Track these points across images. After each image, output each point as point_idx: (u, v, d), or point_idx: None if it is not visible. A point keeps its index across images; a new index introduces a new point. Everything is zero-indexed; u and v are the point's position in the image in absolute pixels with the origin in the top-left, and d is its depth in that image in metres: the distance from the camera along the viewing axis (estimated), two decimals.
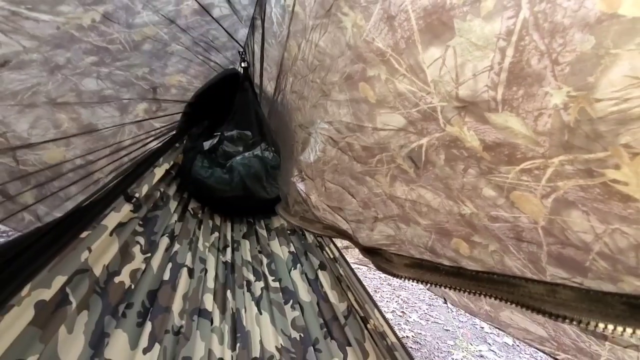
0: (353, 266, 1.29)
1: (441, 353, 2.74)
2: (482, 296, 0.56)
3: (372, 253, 0.83)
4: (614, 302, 0.40)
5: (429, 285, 0.67)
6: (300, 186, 1.00)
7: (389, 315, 3.17)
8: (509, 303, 0.52)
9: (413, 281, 0.71)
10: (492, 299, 0.54)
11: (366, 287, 1.17)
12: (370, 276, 4.04)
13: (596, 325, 0.41)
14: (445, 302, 2.06)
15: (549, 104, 0.34)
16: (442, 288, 0.65)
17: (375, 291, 3.68)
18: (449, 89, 0.44)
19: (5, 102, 0.77)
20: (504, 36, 0.34)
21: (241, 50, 1.21)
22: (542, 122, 0.36)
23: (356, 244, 0.89)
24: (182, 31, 1.01)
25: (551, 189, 0.41)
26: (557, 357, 1.10)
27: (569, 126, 0.34)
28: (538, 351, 2.91)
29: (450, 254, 0.62)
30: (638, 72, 0.27)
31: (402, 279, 0.73)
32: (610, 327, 0.40)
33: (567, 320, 0.44)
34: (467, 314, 3.21)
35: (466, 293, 0.58)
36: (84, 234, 0.81)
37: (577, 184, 0.38)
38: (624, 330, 0.39)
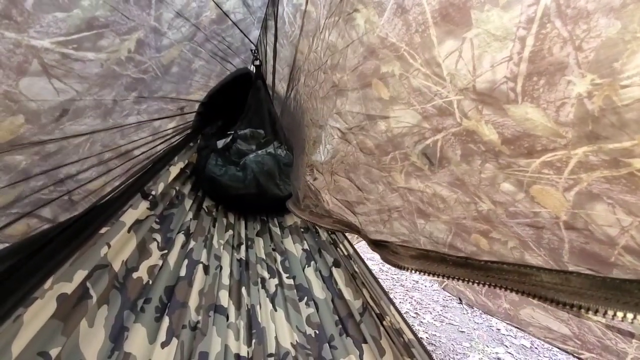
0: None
1: (456, 355, 2.69)
2: (491, 287, 0.54)
3: (380, 246, 0.82)
4: (632, 289, 0.38)
5: (436, 276, 0.66)
6: (311, 181, 1.00)
7: None
8: (519, 293, 0.50)
9: (419, 273, 0.70)
10: (502, 289, 0.53)
11: (381, 283, 1.16)
12: (382, 277, 4.01)
13: (614, 315, 0.39)
14: (461, 302, 2.03)
15: (572, 93, 0.33)
16: (450, 280, 0.63)
17: (388, 292, 3.65)
18: (465, 82, 0.44)
19: (72, 157, 0.80)
20: (524, 25, 0.33)
21: (254, 49, 1.23)
22: (565, 112, 0.35)
23: (364, 237, 0.88)
24: (202, 44, 1.03)
25: (574, 181, 0.40)
26: (581, 356, 1.07)
27: (593, 115, 0.33)
28: (557, 354, 2.83)
29: (471, 248, 0.61)
30: None
31: (409, 270, 0.72)
32: (630, 315, 0.38)
33: (582, 310, 0.42)
34: (483, 315, 3.16)
35: (475, 284, 0.57)
36: (103, 230, 0.83)
37: (602, 175, 0.37)
38: None
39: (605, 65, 0.29)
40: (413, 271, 0.72)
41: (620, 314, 0.39)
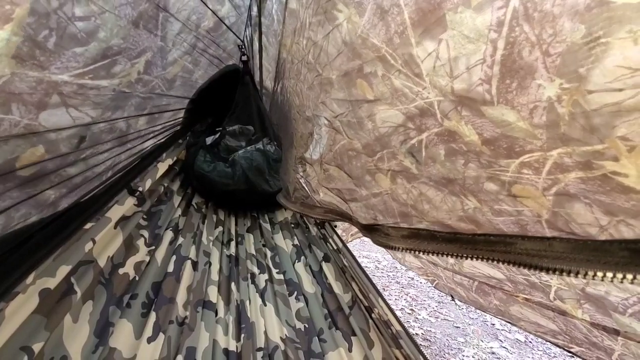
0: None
1: (451, 350, 2.72)
2: (480, 260, 0.55)
3: (371, 230, 0.83)
4: (613, 249, 0.39)
5: (427, 254, 0.67)
6: (301, 173, 1.01)
7: (397, 313, 3.16)
8: (507, 264, 0.51)
9: (411, 252, 0.71)
10: (490, 261, 0.54)
11: (370, 276, 1.17)
12: (378, 274, 4.04)
13: (594, 275, 0.40)
14: (453, 299, 2.04)
15: (543, 96, 0.33)
16: (442, 256, 0.64)
17: (384, 289, 3.69)
18: (444, 83, 0.44)
19: (94, 183, 0.83)
20: (495, 28, 0.33)
21: (240, 44, 1.22)
22: (538, 114, 0.36)
23: (356, 223, 0.89)
24: (202, 53, 1.05)
25: (552, 181, 0.40)
26: (571, 349, 1.08)
27: (564, 119, 0.33)
28: (551, 348, 2.86)
29: None
30: (630, 61, 0.26)
31: (401, 250, 0.73)
32: (609, 274, 0.39)
33: (564, 274, 0.43)
34: (477, 311, 3.19)
35: (465, 259, 0.58)
36: (87, 226, 0.83)
37: (578, 176, 0.37)
38: (624, 277, 0.38)
39: (571, 71, 0.29)
40: (404, 251, 0.73)
41: (600, 274, 0.40)
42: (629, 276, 0.37)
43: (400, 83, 0.51)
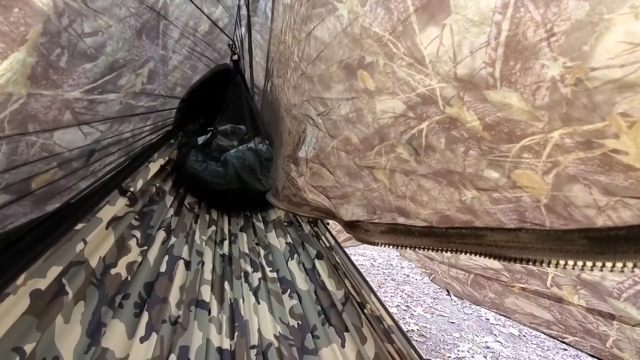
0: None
1: (447, 345, 2.75)
2: (454, 253, 0.57)
3: (353, 227, 0.84)
4: (573, 238, 0.41)
5: (405, 248, 0.68)
6: (289, 170, 1.01)
7: (393, 310, 3.18)
8: (479, 255, 0.53)
9: (391, 247, 0.73)
10: (463, 254, 0.55)
11: (362, 273, 1.19)
12: (374, 272, 4.06)
13: (557, 263, 0.41)
14: (449, 294, 2.07)
15: (546, 76, 0.34)
16: (420, 250, 0.66)
17: (380, 286, 3.70)
18: (447, 68, 0.44)
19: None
20: (499, 9, 0.34)
21: (231, 43, 1.22)
22: (540, 95, 0.37)
23: (339, 220, 0.90)
24: (200, 58, 1.07)
25: (552, 164, 0.41)
26: (565, 340, 1.10)
27: (566, 98, 0.34)
28: (545, 341, 2.93)
29: None
30: (632, 37, 0.27)
31: (381, 245, 0.75)
32: (571, 262, 0.40)
33: (530, 263, 0.44)
34: (472, 306, 3.24)
35: (442, 252, 0.59)
36: (78, 226, 0.82)
37: (578, 157, 0.38)
38: (584, 264, 0.39)
39: (575, 49, 0.30)
40: (384, 245, 0.74)
41: (562, 262, 0.41)
42: (589, 263, 0.39)
43: (403, 71, 0.51)
